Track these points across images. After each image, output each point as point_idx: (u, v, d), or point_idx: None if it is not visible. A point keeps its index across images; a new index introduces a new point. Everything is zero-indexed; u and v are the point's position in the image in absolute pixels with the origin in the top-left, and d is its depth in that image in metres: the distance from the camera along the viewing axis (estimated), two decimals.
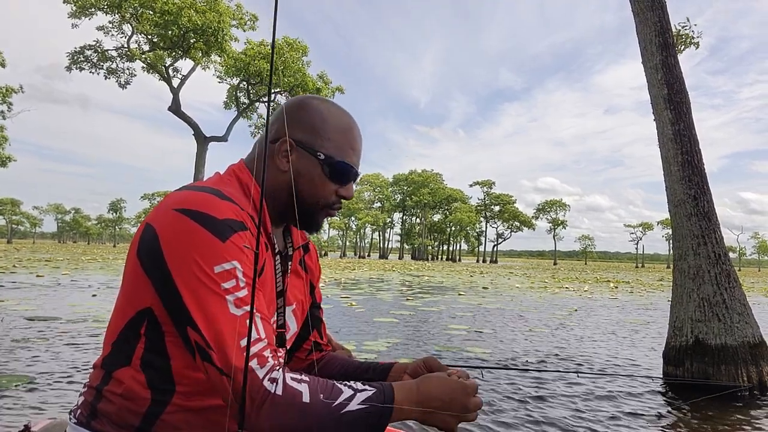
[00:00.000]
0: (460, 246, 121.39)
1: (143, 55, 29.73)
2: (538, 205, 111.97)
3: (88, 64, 29.29)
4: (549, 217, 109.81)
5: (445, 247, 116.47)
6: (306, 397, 0.79)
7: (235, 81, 33.47)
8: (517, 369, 5.04)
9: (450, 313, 9.51)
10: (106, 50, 29.36)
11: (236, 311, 0.80)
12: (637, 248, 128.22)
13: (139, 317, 0.88)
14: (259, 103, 34.53)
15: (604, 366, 5.39)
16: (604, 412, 3.72)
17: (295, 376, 0.81)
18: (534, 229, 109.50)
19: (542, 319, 9.18)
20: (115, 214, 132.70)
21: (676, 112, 4.98)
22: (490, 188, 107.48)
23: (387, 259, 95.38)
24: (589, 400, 4.03)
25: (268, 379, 0.78)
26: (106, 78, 29.81)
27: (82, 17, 27.26)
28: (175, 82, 31.43)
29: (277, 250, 1.03)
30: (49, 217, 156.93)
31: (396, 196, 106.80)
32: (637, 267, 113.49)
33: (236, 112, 34.17)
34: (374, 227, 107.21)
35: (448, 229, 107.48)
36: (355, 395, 0.82)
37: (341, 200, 1.03)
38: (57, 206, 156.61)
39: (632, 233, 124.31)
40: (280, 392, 0.78)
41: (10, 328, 5.89)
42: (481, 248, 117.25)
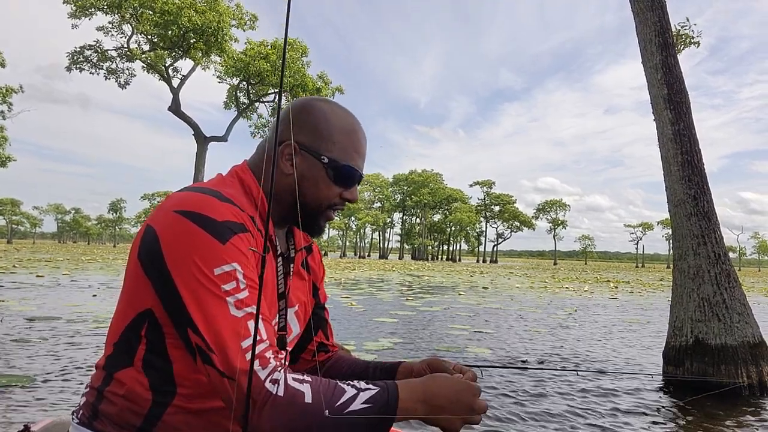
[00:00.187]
0: (460, 246, 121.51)
1: (143, 55, 29.74)
2: (538, 205, 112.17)
3: (88, 65, 29.29)
4: (549, 217, 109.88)
5: (445, 247, 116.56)
6: (308, 398, 0.79)
7: (235, 81, 33.45)
8: (517, 368, 5.04)
9: (450, 313, 9.52)
10: (106, 50, 29.37)
11: (237, 313, 0.80)
12: (637, 248, 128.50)
13: (140, 319, 0.88)
14: (259, 103, 34.55)
15: (603, 365, 5.40)
16: (604, 410, 3.73)
17: (297, 377, 0.81)
18: (534, 229, 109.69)
19: (542, 319, 9.18)
20: (115, 214, 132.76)
21: (676, 112, 4.98)
22: (490, 188, 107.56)
23: (387, 259, 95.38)
24: (589, 398, 4.03)
25: (270, 381, 0.78)
26: (106, 78, 29.82)
27: (82, 17, 27.26)
28: (175, 82, 31.44)
29: (279, 252, 1.03)
30: (49, 217, 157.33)
31: (396, 196, 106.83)
32: (637, 267, 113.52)
33: (236, 112, 34.16)
34: (374, 227, 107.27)
35: (448, 229, 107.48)
36: (358, 395, 0.82)
37: (345, 203, 1.03)
38: (57, 206, 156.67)
39: (632, 233, 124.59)
40: (281, 393, 0.78)
41: (10, 328, 5.89)
42: (481, 248, 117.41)
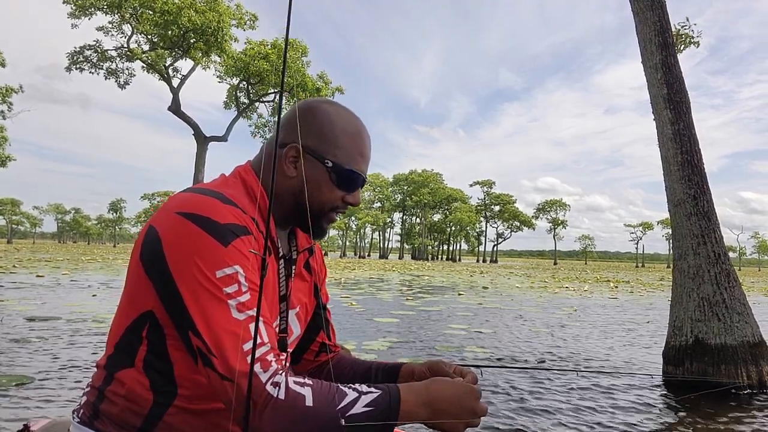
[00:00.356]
0: (460, 246, 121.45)
1: (143, 55, 29.73)
2: (538, 205, 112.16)
3: (88, 65, 29.30)
4: (549, 217, 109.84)
5: (445, 247, 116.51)
6: (309, 401, 0.78)
7: (235, 81, 33.47)
8: (517, 368, 5.04)
9: (450, 313, 9.51)
10: (106, 50, 29.37)
11: (238, 316, 0.80)
12: (637, 248, 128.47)
13: (141, 320, 0.88)
14: (259, 103, 34.56)
15: (603, 364, 5.39)
16: (603, 409, 3.73)
17: (298, 380, 0.81)
18: (534, 229, 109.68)
19: (542, 319, 9.18)
20: (115, 214, 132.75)
21: (676, 112, 4.98)
22: (490, 188, 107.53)
23: (387, 259, 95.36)
24: (588, 398, 4.03)
25: (271, 383, 0.78)
26: (106, 78, 29.84)
27: (82, 17, 27.28)
28: (175, 82, 31.43)
29: (281, 254, 1.03)
30: (49, 217, 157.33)
31: (396, 196, 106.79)
32: (637, 267, 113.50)
33: (236, 112, 34.17)
34: (374, 227, 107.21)
35: (448, 229, 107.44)
36: (359, 398, 0.81)
37: (347, 206, 1.03)
38: (57, 206, 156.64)
39: (632, 233, 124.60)
40: (282, 396, 0.77)
41: (10, 328, 5.89)
42: (481, 248, 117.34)
